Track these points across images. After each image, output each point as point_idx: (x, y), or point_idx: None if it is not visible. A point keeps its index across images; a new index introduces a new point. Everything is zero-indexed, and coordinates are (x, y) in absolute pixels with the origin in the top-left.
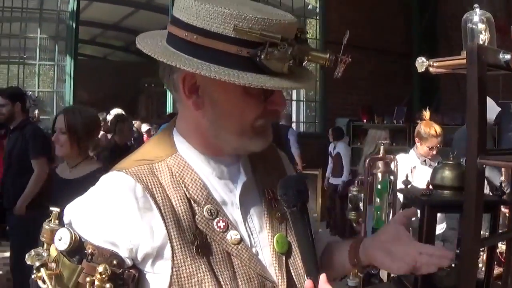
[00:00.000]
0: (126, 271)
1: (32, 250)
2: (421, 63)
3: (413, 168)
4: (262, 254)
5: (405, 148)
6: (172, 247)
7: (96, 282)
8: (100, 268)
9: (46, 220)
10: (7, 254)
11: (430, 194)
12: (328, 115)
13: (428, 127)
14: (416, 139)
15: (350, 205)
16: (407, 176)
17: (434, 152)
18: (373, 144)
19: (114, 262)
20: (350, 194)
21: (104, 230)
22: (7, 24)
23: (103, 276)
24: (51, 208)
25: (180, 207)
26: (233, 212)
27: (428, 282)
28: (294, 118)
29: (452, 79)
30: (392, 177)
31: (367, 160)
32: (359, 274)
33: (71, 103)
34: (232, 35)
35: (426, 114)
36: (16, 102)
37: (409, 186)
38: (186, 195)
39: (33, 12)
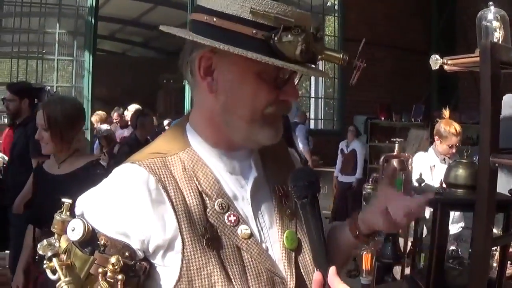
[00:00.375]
0: (138, 263)
1: (45, 240)
2: (435, 61)
3: (433, 167)
4: (272, 250)
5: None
6: (182, 239)
7: (108, 273)
8: (113, 260)
9: (58, 211)
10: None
11: (443, 193)
12: (346, 112)
13: (448, 125)
14: (436, 137)
15: (364, 203)
16: (421, 174)
17: (454, 151)
18: (416, 143)
19: (126, 253)
20: (364, 192)
21: (117, 221)
22: (26, 19)
23: (116, 267)
24: (62, 199)
25: (191, 200)
26: (244, 207)
27: (440, 280)
28: (312, 115)
29: (470, 77)
30: (404, 175)
31: (382, 158)
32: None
33: (89, 98)
34: (248, 18)
35: (446, 112)
36: (24, 99)
37: (422, 184)
38: (198, 189)
39: (52, 7)
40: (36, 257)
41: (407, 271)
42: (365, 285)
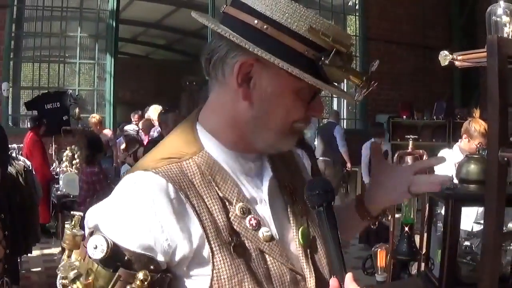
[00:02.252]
0: (164, 275)
1: (66, 260)
2: (444, 57)
3: (457, 164)
4: (290, 249)
5: (445, 144)
6: (210, 248)
7: None
8: (141, 276)
9: (67, 225)
10: (47, 251)
11: (455, 188)
12: (368, 111)
13: (478, 124)
14: (464, 136)
15: None
16: (434, 171)
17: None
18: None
19: (152, 267)
20: None
21: (140, 234)
22: (48, 23)
23: (145, 283)
24: (72, 212)
25: (214, 206)
26: (263, 209)
27: (453, 276)
28: None
29: None
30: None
31: (396, 154)
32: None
33: (112, 101)
34: (304, 35)
35: (477, 112)
36: None
37: None
38: (218, 194)
39: (73, 11)
40: None
41: (424, 267)
42: (380, 282)
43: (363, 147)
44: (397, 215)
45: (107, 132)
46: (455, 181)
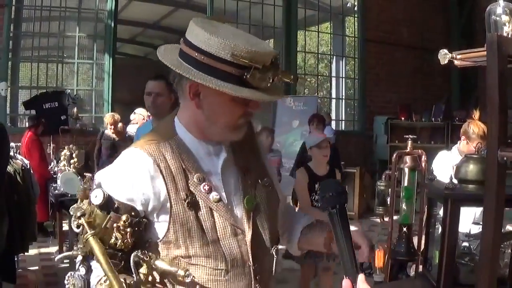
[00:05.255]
0: (141, 219)
1: (75, 204)
2: (444, 55)
3: (455, 166)
4: (236, 210)
5: (443, 146)
6: (170, 202)
7: (121, 227)
8: (124, 217)
9: (82, 182)
10: (44, 250)
11: (454, 188)
12: (367, 113)
13: (477, 127)
14: (463, 137)
15: (377, 200)
16: (433, 170)
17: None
18: None
19: (133, 213)
20: (377, 189)
21: (126, 190)
22: (46, 23)
23: (126, 223)
24: (84, 173)
25: (177, 175)
26: (215, 179)
27: (452, 277)
28: (333, 116)
29: None
30: (416, 172)
31: (395, 154)
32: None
33: (110, 101)
34: (229, 59)
35: (476, 113)
36: None
37: (434, 180)
38: (182, 166)
39: (71, 11)
40: None
41: (421, 268)
42: (378, 282)
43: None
44: (395, 217)
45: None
46: (454, 181)
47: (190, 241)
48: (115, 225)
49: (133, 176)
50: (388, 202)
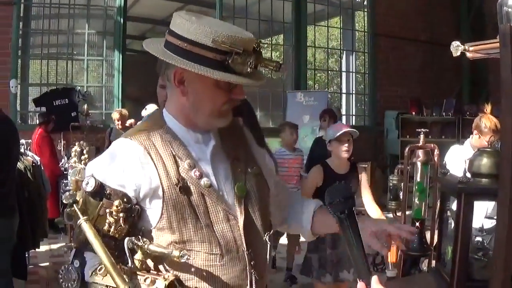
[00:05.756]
0: (133, 206)
1: (67, 192)
2: (456, 47)
3: (467, 160)
4: (227, 196)
5: (454, 141)
6: (162, 188)
7: (113, 213)
8: (116, 203)
9: (73, 174)
10: (55, 246)
11: (467, 182)
12: (377, 108)
13: (489, 121)
14: (475, 132)
15: (389, 195)
16: (445, 165)
17: None
18: None
19: (125, 199)
20: (389, 184)
21: (118, 177)
22: (55, 20)
23: (118, 208)
24: (77, 165)
25: (168, 161)
26: (206, 165)
27: (465, 272)
28: (344, 111)
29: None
30: (429, 166)
31: (407, 148)
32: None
33: (120, 97)
34: (210, 45)
35: (488, 107)
36: None
37: (447, 174)
38: (172, 153)
39: (80, 8)
40: None
41: (434, 263)
42: (391, 278)
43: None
44: (408, 212)
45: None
46: (468, 175)
47: (184, 225)
48: (107, 210)
49: (124, 163)
50: (401, 197)
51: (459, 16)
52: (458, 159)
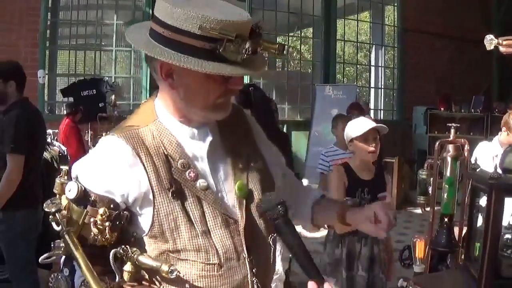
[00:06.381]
0: (121, 213)
1: (49, 200)
2: (490, 41)
3: (495, 157)
4: (227, 198)
5: (482, 138)
6: (153, 193)
7: (98, 222)
8: (101, 211)
9: (58, 176)
10: None
11: (498, 178)
12: (406, 103)
13: None
14: (503, 128)
15: (419, 189)
16: (476, 160)
17: None
18: None
19: (112, 206)
20: (418, 178)
21: (103, 182)
22: (84, 11)
23: (103, 216)
24: (61, 166)
25: (159, 162)
26: (202, 165)
27: (494, 270)
28: (372, 106)
29: None
30: (459, 162)
31: (437, 143)
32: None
33: (148, 88)
34: (197, 33)
35: None
36: (10, 81)
37: (477, 170)
38: (164, 153)
39: None
40: None
41: (463, 260)
42: (418, 273)
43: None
44: (437, 208)
45: None
46: (499, 171)
47: (177, 234)
48: (92, 219)
49: (110, 166)
50: (430, 192)
51: (490, 12)
52: (486, 156)
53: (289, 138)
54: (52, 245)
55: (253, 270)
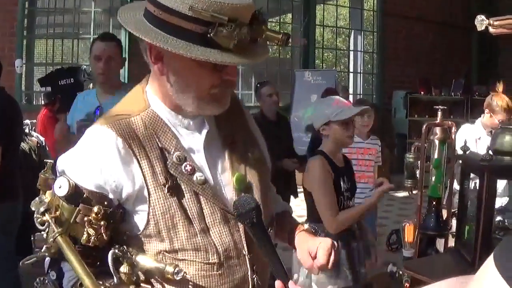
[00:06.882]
0: (115, 210)
1: (37, 198)
2: (481, 21)
3: (478, 139)
4: (225, 191)
5: (463, 121)
6: (148, 189)
7: (93, 221)
8: (95, 209)
9: (42, 171)
10: None
11: (490, 160)
12: (385, 87)
13: (501, 100)
14: (486, 111)
15: (406, 173)
16: (465, 142)
17: None
18: None
19: (105, 203)
20: (405, 161)
21: (94, 177)
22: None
23: (98, 215)
24: (45, 160)
25: (153, 155)
26: (199, 157)
27: (488, 253)
28: (351, 91)
29: (511, 52)
30: (446, 144)
31: (424, 126)
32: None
33: (126, 76)
34: (189, 14)
35: (500, 86)
36: None
37: (467, 152)
38: (158, 145)
39: None
40: None
41: (451, 243)
42: (408, 258)
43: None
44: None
45: None
46: (490, 152)
47: (174, 233)
48: (85, 218)
49: (101, 160)
50: (417, 175)
51: None
52: (469, 138)
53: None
54: (32, 239)
55: (254, 267)
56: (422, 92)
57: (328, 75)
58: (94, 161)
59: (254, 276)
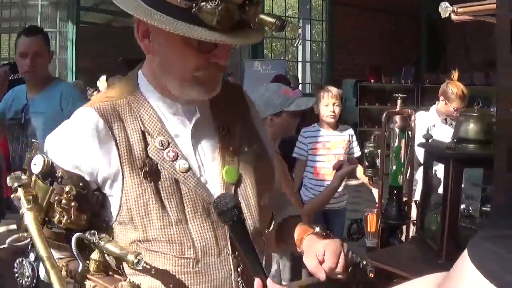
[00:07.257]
0: (91, 193)
1: (13, 173)
2: (445, 9)
3: (432, 127)
4: (211, 183)
5: (414, 108)
6: (122, 172)
7: (63, 201)
8: (67, 188)
9: (28, 151)
10: (13, 227)
11: (456, 148)
12: (335, 76)
13: (456, 87)
14: (441, 98)
15: (366, 162)
16: (428, 130)
17: (457, 114)
18: None
19: (80, 184)
20: (366, 150)
21: (71, 156)
22: None
23: (69, 195)
24: (32, 140)
25: (134, 138)
26: (185, 144)
27: (455, 242)
28: (300, 80)
29: (460, 39)
30: (409, 132)
31: (384, 114)
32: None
33: (74, 70)
34: None
35: (455, 74)
36: None
37: (430, 140)
38: (141, 128)
39: None
40: None
41: (415, 232)
42: (371, 248)
43: None
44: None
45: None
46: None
47: (148, 221)
48: (57, 198)
49: (80, 140)
50: (378, 164)
51: None
52: (422, 125)
53: None
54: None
55: (238, 269)
56: (372, 81)
57: (277, 64)
58: (72, 141)
59: (238, 279)
